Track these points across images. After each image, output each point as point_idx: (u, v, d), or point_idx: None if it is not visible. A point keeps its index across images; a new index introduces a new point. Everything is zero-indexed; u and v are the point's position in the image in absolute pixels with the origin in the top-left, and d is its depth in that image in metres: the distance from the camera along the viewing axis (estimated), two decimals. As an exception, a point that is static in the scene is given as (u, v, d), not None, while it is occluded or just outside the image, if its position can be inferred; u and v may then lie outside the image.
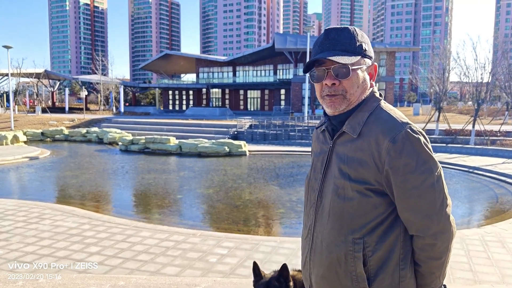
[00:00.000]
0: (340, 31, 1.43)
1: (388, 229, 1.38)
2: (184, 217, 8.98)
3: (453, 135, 21.22)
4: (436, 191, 1.33)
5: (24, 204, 8.47)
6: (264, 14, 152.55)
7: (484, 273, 4.84)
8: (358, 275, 1.37)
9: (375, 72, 1.51)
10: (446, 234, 1.36)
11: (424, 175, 1.32)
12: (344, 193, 1.39)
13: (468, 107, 46.41)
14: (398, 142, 1.31)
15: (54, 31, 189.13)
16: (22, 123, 33.30)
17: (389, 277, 1.37)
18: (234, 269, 4.96)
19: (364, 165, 1.36)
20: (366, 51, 1.45)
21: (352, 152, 1.39)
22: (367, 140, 1.37)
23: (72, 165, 16.56)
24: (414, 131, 1.34)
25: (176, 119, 34.73)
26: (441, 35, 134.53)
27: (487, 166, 14.50)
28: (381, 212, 1.37)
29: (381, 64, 45.55)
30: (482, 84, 21.54)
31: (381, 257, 1.37)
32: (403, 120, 1.37)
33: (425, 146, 1.33)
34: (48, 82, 60.53)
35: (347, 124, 1.43)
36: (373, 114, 1.42)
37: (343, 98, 1.43)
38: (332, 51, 1.40)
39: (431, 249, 1.36)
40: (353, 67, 1.40)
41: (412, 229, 1.37)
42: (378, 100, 1.47)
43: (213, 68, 63.41)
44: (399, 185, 1.33)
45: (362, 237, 1.37)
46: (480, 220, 8.69)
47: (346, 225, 1.39)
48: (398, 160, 1.31)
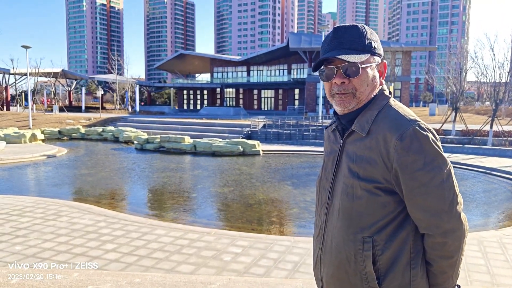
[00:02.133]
0: (349, 29, 1.43)
1: (398, 227, 1.36)
2: (198, 215, 9.03)
3: (470, 136, 20.89)
4: (446, 188, 1.31)
5: (42, 201, 8.63)
6: (278, 14, 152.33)
7: (502, 275, 4.76)
8: (368, 274, 1.36)
9: (384, 70, 1.50)
10: (457, 232, 1.33)
11: (433, 172, 1.30)
12: (353, 192, 1.38)
13: (486, 108, 45.60)
14: (406, 139, 1.30)
15: (71, 31, 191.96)
16: (40, 121, 33.89)
17: (400, 276, 1.35)
18: (248, 268, 4.97)
19: (372, 164, 1.35)
20: (376, 48, 1.44)
21: (361, 150, 1.38)
22: (375, 138, 1.36)
23: (88, 163, 16.79)
24: (422, 128, 1.32)
25: (191, 119, 34.92)
26: (458, 34, 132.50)
27: (506, 167, 14.23)
28: (391, 210, 1.36)
29: (396, 64, 45.08)
30: (501, 84, 21.14)
31: (391, 256, 1.35)
32: (411, 117, 1.36)
33: (434, 143, 1.32)
34: (65, 82, 61.54)
35: (356, 123, 1.42)
36: (382, 112, 1.40)
37: (353, 96, 1.42)
38: (341, 49, 1.40)
39: (442, 248, 1.34)
40: (363, 65, 1.40)
41: (422, 228, 1.35)
42: (387, 98, 1.46)
43: (227, 67, 63.56)
44: (407, 182, 1.31)
45: (372, 235, 1.36)
46: (498, 222, 8.55)
47: (355, 224, 1.38)
48: (406, 158, 1.29)
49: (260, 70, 60.70)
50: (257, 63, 60.13)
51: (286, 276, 4.77)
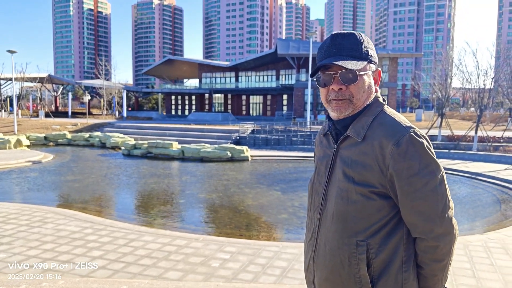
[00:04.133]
0: (346, 36, 1.46)
1: (391, 231, 1.39)
2: (186, 221, 8.97)
3: (455, 141, 21.18)
4: (439, 194, 1.35)
5: (27, 208, 8.49)
6: (266, 20, 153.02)
7: (487, 279, 4.82)
8: (362, 277, 1.38)
9: (379, 77, 1.54)
10: (448, 236, 1.38)
11: (427, 178, 1.34)
12: (348, 196, 1.40)
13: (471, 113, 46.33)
14: (402, 146, 1.33)
15: (58, 36, 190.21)
16: (25, 127, 33.42)
17: (393, 279, 1.38)
18: (236, 274, 4.95)
19: (368, 169, 1.38)
20: (372, 56, 1.48)
21: (356, 155, 1.41)
22: (371, 144, 1.39)
23: (74, 169, 16.60)
24: (417, 135, 1.36)
25: (179, 124, 34.78)
26: (444, 41, 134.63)
27: (490, 172, 14.45)
28: (385, 214, 1.39)
29: (383, 70, 45.61)
30: (485, 90, 21.52)
31: (384, 259, 1.38)
32: (407, 124, 1.40)
33: (428, 150, 1.36)
34: (51, 87, 60.87)
35: (351, 128, 1.45)
36: (377, 119, 1.44)
37: (349, 103, 1.45)
38: (339, 56, 1.42)
39: (433, 252, 1.38)
40: (360, 73, 1.43)
41: (415, 232, 1.39)
42: (382, 104, 1.50)
43: (216, 73, 63.57)
44: (402, 187, 1.35)
45: (366, 239, 1.38)
46: (483, 226, 8.66)
47: (350, 228, 1.40)
48: (402, 163, 1.33)
49: (249, 76, 60.85)
50: (245, 69, 60.27)
51: (274, 281, 4.76)
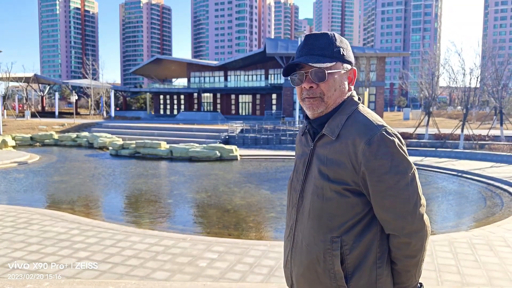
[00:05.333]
0: (318, 36, 1.49)
1: (365, 228, 1.42)
2: (174, 222, 8.94)
3: (442, 140, 21.42)
4: (410, 191, 1.37)
5: (12, 209, 8.38)
6: (255, 19, 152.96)
7: (472, 275, 4.89)
8: (336, 273, 1.40)
9: (354, 77, 1.56)
10: (420, 233, 1.40)
11: (398, 175, 1.36)
12: (323, 193, 1.42)
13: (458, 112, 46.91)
14: (374, 144, 1.36)
15: (44, 35, 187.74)
16: (11, 127, 32.96)
17: (367, 275, 1.41)
18: (224, 274, 4.95)
19: (342, 166, 1.40)
20: (344, 56, 1.50)
21: (331, 153, 1.43)
22: (344, 142, 1.41)
23: (61, 170, 16.42)
24: (389, 133, 1.38)
25: (167, 124, 34.60)
26: (431, 40, 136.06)
27: (476, 170, 14.65)
28: (359, 211, 1.41)
29: (371, 69, 45.93)
30: (471, 89, 21.80)
31: (358, 256, 1.41)
32: (379, 122, 1.42)
33: (400, 148, 1.38)
34: (37, 87, 60.12)
35: (326, 127, 1.47)
36: (351, 117, 1.46)
37: (321, 101, 1.48)
38: (310, 55, 1.46)
39: (406, 248, 1.41)
40: (329, 71, 1.46)
41: (387, 228, 1.42)
42: (356, 103, 1.52)
43: (205, 72, 63.37)
44: (374, 185, 1.37)
45: (340, 235, 1.41)
46: (468, 223, 8.78)
47: (325, 225, 1.43)
48: (373, 161, 1.35)
49: (238, 75, 60.77)
50: (234, 68, 60.17)
51: (262, 280, 4.77)
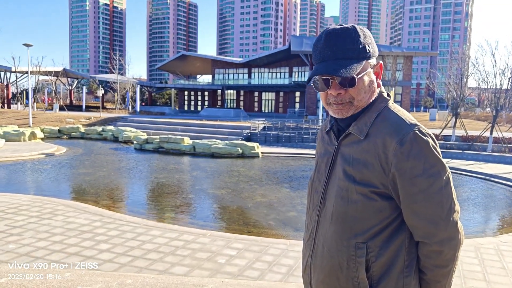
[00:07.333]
0: (339, 34, 1.33)
1: (392, 234, 1.32)
2: (195, 217, 8.99)
3: (470, 142, 20.85)
4: (444, 195, 1.27)
5: (38, 199, 8.59)
6: (281, 17, 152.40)
7: (498, 283, 4.72)
8: (360, 281, 1.31)
9: (380, 70, 1.42)
10: (453, 241, 1.30)
11: (432, 178, 1.25)
12: (348, 196, 1.33)
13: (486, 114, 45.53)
14: (406, 144, 1.25)
15: (74, 31, 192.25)
16: (40, 120, 33.87)
17: (393, 284, 1.31)
18: (242, 271, 4.93)
19: (369, 167, 1.30)
20: (371, 52, 1.36)
21: (358, 153, 1.34)
22: (373, 142, 1.31)
23: (87, 162, 16.76)
24: (422, 133, 1.28)
25: (191, 120, 34.90)
26: (460, 40, 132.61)
27: (505, 174, 14.19)
28: (386, 216, 1.31)
29: (398, 68, 45.08)
30: (501, 91, 21.12)
31: (384, 263, 1.31)
32: (412, 121, 1.31)
33: (434, 149, 1.27)
34: (66, 81, 61.54)
35: (353, 125, 1.37)
36: (381, 115, 1.35)
37: (351, 105, 1.36)
38: (334, 60, 1.32)
39: (437, 257, 1.31)
40: (359, 76, 1.33)
41: (417, 235, 1.31)
42: (386, 100, 1.40)
43: (229, 69, 63.54)
44: (405, 188, 1.27)
45: (366, 241, 1.31)
46: (495, 229, 8.50)
47: (349, 229, 1.33)
48: (405, 163, 1.25)
49: (262, 73, 60.68)
50: (258, 65, 60.11)
51: (280, 279, 4.73)
